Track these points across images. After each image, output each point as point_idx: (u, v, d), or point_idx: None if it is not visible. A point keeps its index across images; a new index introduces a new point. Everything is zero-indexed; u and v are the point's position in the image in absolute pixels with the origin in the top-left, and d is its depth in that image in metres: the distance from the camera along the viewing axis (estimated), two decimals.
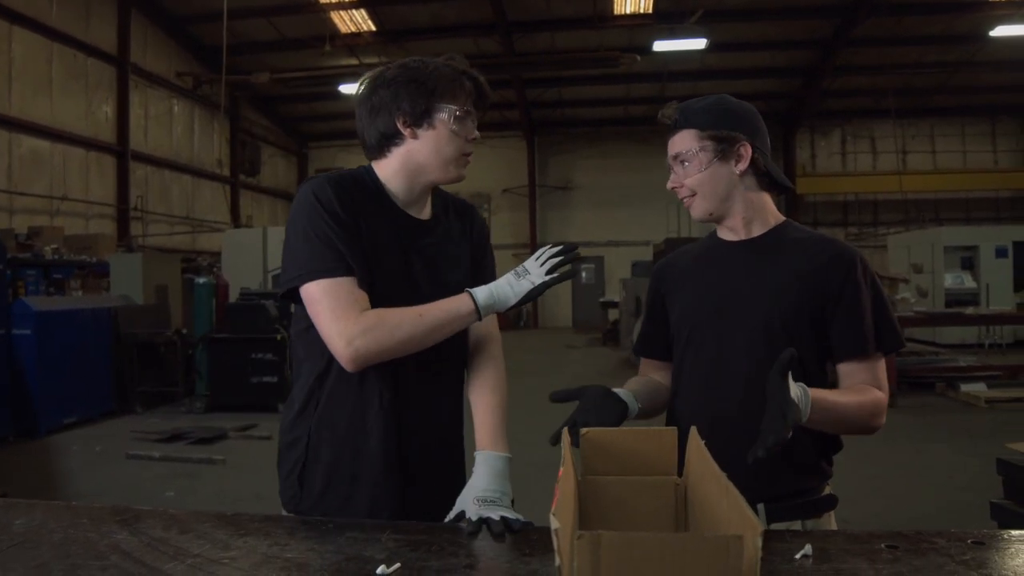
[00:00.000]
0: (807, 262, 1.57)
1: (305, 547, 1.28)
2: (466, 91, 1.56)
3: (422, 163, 1.56)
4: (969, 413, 7.88)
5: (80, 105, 13.58)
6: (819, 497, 1.58)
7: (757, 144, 1.60)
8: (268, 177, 20.63)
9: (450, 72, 1.55)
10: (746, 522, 0.77)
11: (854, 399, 1.49)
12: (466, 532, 1.33)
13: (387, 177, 1.59)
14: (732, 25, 15.80)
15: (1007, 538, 1.27)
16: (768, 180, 1.63)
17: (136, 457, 6.31)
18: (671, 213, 18.82)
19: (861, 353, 1.55)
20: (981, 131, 20.66)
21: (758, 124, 1.63)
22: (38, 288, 9.66)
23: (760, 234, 1.64)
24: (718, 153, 1.58)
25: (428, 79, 1.53)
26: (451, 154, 1.56)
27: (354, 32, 16.16)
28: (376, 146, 1.58)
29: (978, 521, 3.63)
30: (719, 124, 1.59)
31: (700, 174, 1.60)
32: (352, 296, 1.43)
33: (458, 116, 1.55)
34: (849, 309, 1.53)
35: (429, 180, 1.59)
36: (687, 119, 1.62)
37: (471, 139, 1.59)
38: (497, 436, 1.55)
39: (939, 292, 13.81)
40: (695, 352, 1.64)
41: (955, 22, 15.54)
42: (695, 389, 1.63)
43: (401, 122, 1.54)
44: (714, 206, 1.62)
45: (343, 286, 1.43)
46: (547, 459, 1.05)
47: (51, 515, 1.43)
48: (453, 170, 1.59)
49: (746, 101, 1.68)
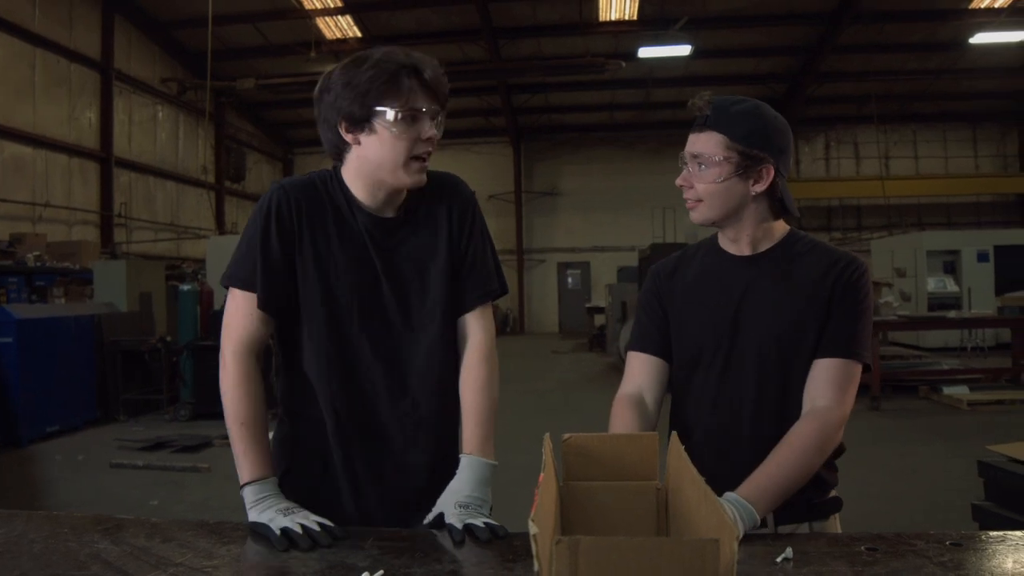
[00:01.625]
0: (814, 274, 1.54)
1: (288, 555, 1.28)
2: (406, 89, 1.43)
3: (373, 169, 1.49)
4: (952, 415, 7.93)
5: (63, 111, 13.48)
6: (825, 500, 1.58)
7: (780, 167, 1.53)
8: (253, 183, 20.53)
9: (388, 69, 1.42)
10: (723, 526, 0.78)
11: (792, 455, 1.43)
12: (454, 540, 1.32)
13: (350, 181, 1.55)
14: (716, 32, 15.92)
15: (984, 539, 1.29)
16: (780, 205, 1.57)
17: (120, 466, 6.25)
18: (657, 218, 18.89)
19: (836, 354, 1.51)
20: (962, 137, 20.90)
21: (787, 145, 1.55)
22: (20, 296, 9.58)
23: (767, 249, 1.60)
24: (740, 168, 1.50)
25: (362, 81, 1.42)
26: (399, 158, 1.46)
27: (339, 38, 16.15)
28: (331, 153, 1.56)
29: (960, 522, 3.66)
30: (752, 139, 1.50)
31: (715, 184, 1.52)
32: (243, 315, 1.52)
33: (401, 117, 1.44)
34: (841, 312, 1.52)
35: (387, 186, 1.51)
36: (719, 121, 1.51)
37: (425, 138, 1.47)
38: (485, 441, 1.53)
39: (922, 296, 13.92)
40: (705, 370, 1.59)
41: (936, 30, 15.73)
42: (704, 405, 1.59)
43: (343, 128, 1.47)
44: (718, 216, 1.57)
45: (246, 302, 1.52)
46: (532, 463, 1.05)
47: (32, 525, 1.41)
48: (405, 175, 1.48)
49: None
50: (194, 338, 8.81)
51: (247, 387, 1.50)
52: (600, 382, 11.05)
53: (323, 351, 1.53)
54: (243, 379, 1.50)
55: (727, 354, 1.57)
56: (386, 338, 1.55)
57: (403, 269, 1.56)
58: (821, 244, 1.63)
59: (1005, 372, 9.35)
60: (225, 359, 1.51)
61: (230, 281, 1.53)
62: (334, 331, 1.53)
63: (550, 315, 22.29)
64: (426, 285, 1.57)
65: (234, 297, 1.53)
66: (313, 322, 1.53)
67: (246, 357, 1.51)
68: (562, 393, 10.14)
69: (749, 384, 1.54)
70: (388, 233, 1.56)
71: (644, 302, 1.73)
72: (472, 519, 1.36)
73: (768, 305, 1.55)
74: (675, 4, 14.77)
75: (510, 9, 15.51)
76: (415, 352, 1.56)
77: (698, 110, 1.54)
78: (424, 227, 1.59)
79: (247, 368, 1.50)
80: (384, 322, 1.55)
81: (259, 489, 1.42)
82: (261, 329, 1.53)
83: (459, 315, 1.61)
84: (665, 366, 1.67)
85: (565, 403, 9.25)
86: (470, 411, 1.56)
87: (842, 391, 1.50)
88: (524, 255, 22.02)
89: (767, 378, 1.53)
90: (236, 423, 1.48)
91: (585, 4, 15.19)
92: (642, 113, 20.56)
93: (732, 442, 1.53)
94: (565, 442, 1.24)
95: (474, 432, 1.53)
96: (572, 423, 1.44)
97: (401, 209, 1.58)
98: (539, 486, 0.91)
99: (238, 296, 1.52)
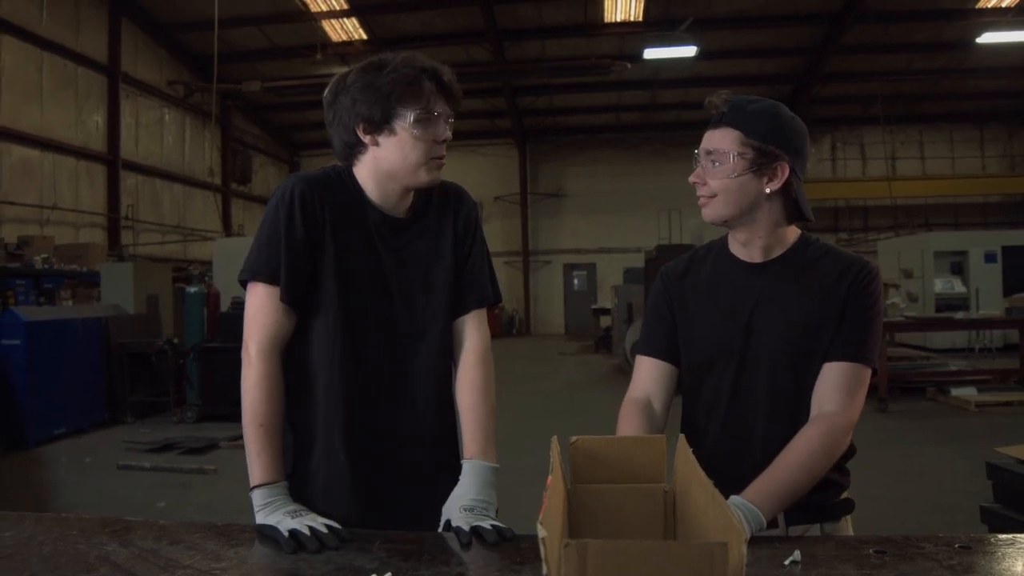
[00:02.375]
0: (827, 280, 1.53)
1: (296, 557, 1.28)
2: (427, 91, 1.48)
3: (389, 170, 1.52)
4: (959, 417, 7.91)
5: (70, 114, 13.54)
6: (837, 501, 1.57)
7: (796, 168, 1.52)
8: (259, 185, 20.60)
9: (408, 73, 1.47)
10: (731, 529, 0.78)
11: (799, 459, 1.43)
12: (461, 543, 1.31)
13: (362, 180, 1.57)
14: (722, 33, 15.91)
15: (993, 542, 1.28)
16: (794, 207, 1.56)
17: (127, 468, 6.27)
18: (663, 220, 18.87)
19: (845, 358, 1.49)
20: (969, 137, 20.82)
21: (803, 146, 1.54)
22: (28, 298, 9.63)
23: (779, 255, 1.58)
24: (755, 165, 1.50)
25: (384, 84, 1.46)
26: (418, 159, 1.50)
27: (345, 41, 16.20)
28: (343, 154, 1.57)
29: (968, 524, 3.64)
30: (768, 136, 1.49)
31: (728, 180, 1.51)
32: (269, 310, 1.49)
33: (420, 119, 1.48)
34: (852, 316, 1.50)
35: (401, 185, 1.54)
36: (735, 118, 1.51)
37: (441, 141, 1.52)
38: (486, 445, 1.53)
39: (929, 297, 13.88)
40: (717, 376, 1.58)
41: (942, 29, 15.69)
42: (716, 410, 1.58)
43: (361, 130, 1.50)
44: (731, 214, 1.54)
45: (270, 296, 1.49)
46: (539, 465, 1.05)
47: (40, 527, 1.42)
48: (424, 174, 1.52)
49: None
50: (201, 340, 8.84)
51: (270, 386, 1.48)
52: (606, 384, 11.04)
53: (337, 345, 1.52)
54: (267, 377, 1.48)
55: (740, 360, 1.55)
56: (391, 337, 1.55)
57: (410, 269, 1.57)
58: (833, 249, 1.61)
59: (1013, 373, 9.30)
60: (250, 355, 1.48)
61: (252, 276, 1.50)
62: (348, 326, 1.52)
63: (556, 317, 22.29)
64: (430, 287, 1.58)
65: (256, 293, 1.50)
66: (328, 315, 1.52)
67: (272, 354, 1.49)
68: (568, 395, 10.14)
69: (762, 390, 1.54)
70: (397, 233, 1.58)
71: (653, 305, 1.72)
72: (479, 522, 1.36)
73: (781, 312, 1.54)
74: (680, 5, 14.76)
75: (515, 11, 15.53)
76: (417, 352, 1.57)
77: (715, 107, 1.54)
78: (431, 230, 1.61)
79: (272, 366, 1.48)
80: (390, 321, 1.55)
81: (268, 493, 1.41)
82: (286, 324, 1.51)
83: (455, 317, 1.62)
84: (673, 370, 1.66)
85: (571, 405, 9.25)
86: (469, 415, 1.56)
87: (851, 395, 1.48)
88: (530, 257, 22.03)
89: (780, 384, 1.52)
90: (254, 424, 1.46)
91: (590, 5, 15.20)
92: (648, 114, 20.55)
93: (745, 447, 1.53)
94: (573, 445, 1.24)
95: (475, 436, 1.53)
96: (578, 425, 1.44)
97: (410, 211, 1.60)
98: (547, 489, 0.91)
99: (260, 291, 1.50)
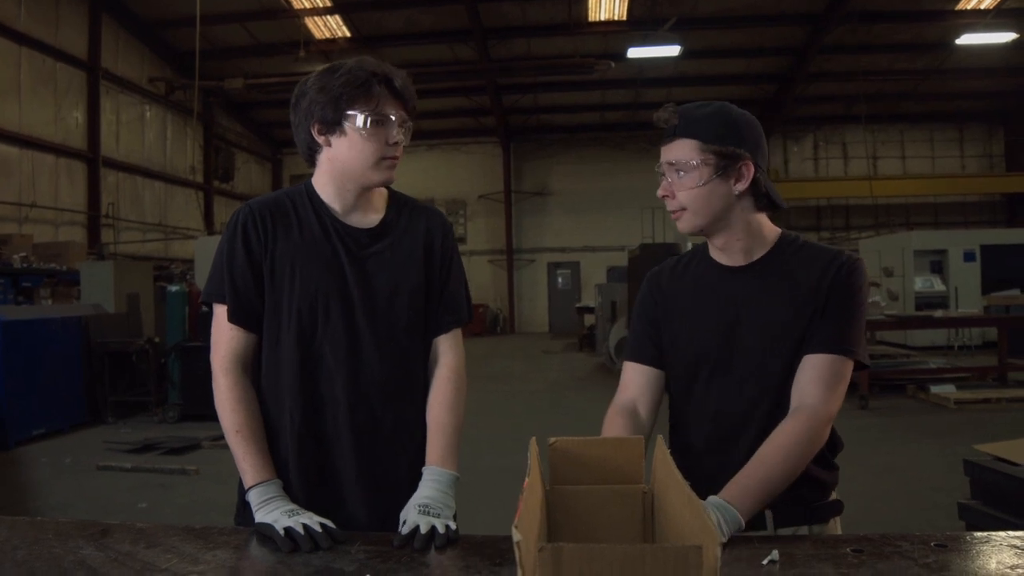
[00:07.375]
0: (811, 278, 1.52)
1: (275, 559, 1.27)
2: (376, 95, 1.53)
3: (343, 170, 1.58)
4: (939, 414, 7.99)
5: (49, 111, 13.38)
6: (825, 503, 1.57)
7: (759, 162, 1.52)
8: (242, 183, 20.46)
9: (359, 76, 1.52)
10: (706, 532, 0.78)
11: (777, 454, 1.42)
12: (415, 547, 1.31)
13: (320, 187, 1.63)
14: (705, 32, 15.96)
15: (969, 540, 1.30)
16: (766, 200, 1.56)
17: (107, 468, 6.21)
18: (646, 218, 18.93)
19: (825, 350, 1.48)
20: (949, 137, 21.08)
21: (760, 139, 1.54)
22: (6, 297, 9.51)
23: (761, 256, 1.58)
24: (719, 170, 1.49)
25: (335, 86, 1.52)
26: (369, 159, 1.55)
27: (329, 38, 16.11)
28: (305, 155, 1.64)
29: (946, 521, 3.69)
30: (724, 138, 1.48)
31: (696, 189, 1.50)
32: (225, 329, 1.58)
33: (370, 121, 1.53)
34: (832, 308, 1.50)
35: (357, 185, 1.60)
36: (688, 127, 1.51)
37: (392, 143, 1.57)
38: (447, 455, 1.56)
39: (909, 295, 14.02)
40: (705, 381, 1.58)
41: (924, 30, 15.85)
42: (705, 414, 1.58)
43: (316, 131, 1.57)
44: (704, 223, 1.54)
45: (224, 316, 1.58)
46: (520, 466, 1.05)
47: (15, 531, 1.40)
48: (375, 175, 1.58)
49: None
50: (182, 339, 8.77)
51: (237, 397, 1.55)
52: (590, 382, 11.07)
53: (286, 359, 1.57)
54: (232, 388, 1.56)
55: (727, 364, 1.55)
56: (350, 346, 1.58)
57: (375, 280, 1.60)
58: (815, 245, 1.60)
59: (992, 371, 9.42)
60: (215, 373, 1.57)
61: (208, 297, 1.61)
62: (299, 339, 1.57)
63: (540, 315, 22.31)
64: (396, 298, 1.61)
65: (216, 313, 1.60)
66: (279, 330, 1.58)
67: (234, 368, 1.57)
68: (551, 394, 10.14)
69: (750, 393, 1.53)
70: (361, 244, 1.62)
71: (639, 311, 1.72)
72: (434, 521, 1.37)
73: (766, 314, 1.53)
74: (664, 4, 14.80)
75: (500, 9, 15.51)
76: (377, 362, 1.58)
77: (665, 122, 1.55)
78: (400, 242, 1.65)
79: (235, 379, 1.57)
80: (350, 330, 1.58)
81: (264, 491, 1.47)
82: (244, 340, 1.59)
83: (432, 336, 1.67)
84: (660, 375, 1.66)
85: (555, 404, 9.23)
86: (435, 427, 1.60)
87: (830, 388, 1.47)
88: (514, 255, 22.03)
89: (768, 386, 1.52)
90: (232, 431, 1.53)
91: (575, 4, 15.21)
92: (632, 113, 20.60)
93: (735, 450, 1.52)
94: (552, 446, 1.24)
95: (437, 445, 1.58)
96: (562, 424, 1.44)
97: (380, 224, 1.64)
98: (523, 491, 0.91)
99: (218, 311, 1.59)
